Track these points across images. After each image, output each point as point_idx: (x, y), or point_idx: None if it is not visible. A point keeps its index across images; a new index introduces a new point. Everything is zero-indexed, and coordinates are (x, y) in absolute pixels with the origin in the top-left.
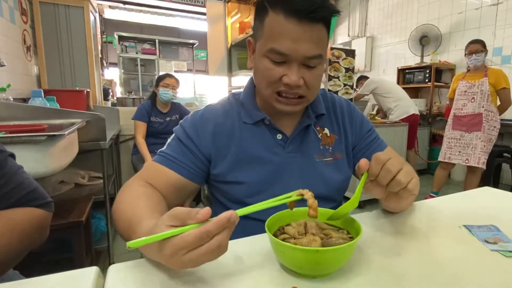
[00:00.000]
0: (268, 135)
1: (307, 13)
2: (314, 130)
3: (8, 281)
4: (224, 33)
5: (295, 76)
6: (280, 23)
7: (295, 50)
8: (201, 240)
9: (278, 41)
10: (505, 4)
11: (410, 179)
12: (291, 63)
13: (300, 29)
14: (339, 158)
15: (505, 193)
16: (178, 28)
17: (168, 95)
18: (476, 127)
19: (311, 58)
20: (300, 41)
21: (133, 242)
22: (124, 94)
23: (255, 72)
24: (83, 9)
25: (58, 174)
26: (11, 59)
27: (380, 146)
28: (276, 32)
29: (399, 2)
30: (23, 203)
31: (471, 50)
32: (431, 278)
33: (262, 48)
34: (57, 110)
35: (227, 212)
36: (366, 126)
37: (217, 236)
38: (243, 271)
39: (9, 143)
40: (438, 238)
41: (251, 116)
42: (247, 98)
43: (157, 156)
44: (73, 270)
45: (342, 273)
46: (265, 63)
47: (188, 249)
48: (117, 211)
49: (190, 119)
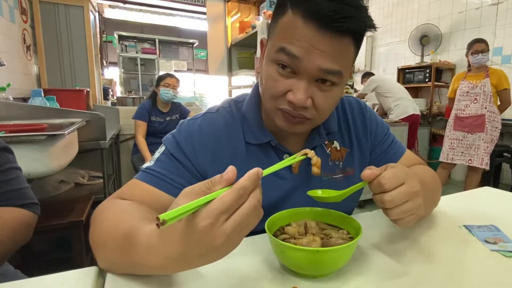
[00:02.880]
0: (274, 156)
1: (330, 21)
2: (322, 146)
3: (9, 280)
4: (224, 32)
5: (302, 94)
6: (296, 24)
7: (308, 57)
8: (239, 198)
9: (291, 41)
10: (505, 4)
11: (403, 201)
12: (301, 76)
13: (319, 36)
14: (350, 175)
15: (505, 193)
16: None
17: (169, 94)
18: (479, 128)
19: (326, 72)
20: (317, 48)
21: (167, 214)
22: (124, 94)
23: (261, 79)
24: (83, 8)
25: (58, 174)
26: (11, 58)
27: (397, 153)
28: (290, 31)
29: (399, 2)
30: (7, 199)
31: (477, 50)
32: (431, 278)
33: (271, 50)
34: (57, 110)
35: (253, 169)
36: (382, 130)
37: (252, 194)
38: (243, 271)
39: (9, 142)
40: (438, 238)
41: (255, 136)
42: (251, 112)
43: (143, 173)
44: (73, 270)
45: (342, 273)
46: (272, 70)
47: (229, 213)
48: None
49: (185, 130)
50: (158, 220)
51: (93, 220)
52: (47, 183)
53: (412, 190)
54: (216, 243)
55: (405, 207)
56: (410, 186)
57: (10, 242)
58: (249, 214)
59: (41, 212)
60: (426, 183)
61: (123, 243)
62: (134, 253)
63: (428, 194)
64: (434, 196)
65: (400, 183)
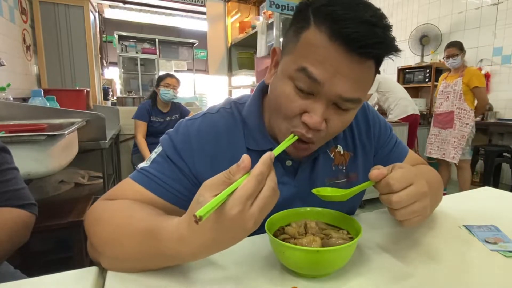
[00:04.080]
0: (276, 163)
1: (360, 46)
2: (326, 151)
3: (9, 280)
4: (224, 32)
5: (318, 117)
6: (322, 44)
7: (330, 82)
8: (260, 183)
9: (313, 61)
10: (505, 4)
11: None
12: (319, 98)
13: (345, 60)
14: (353, 180)
15: (505, 193)
16: (178, 28)
17: (169, 95)
18: (449, 124)
19: (346, 100)
20: (340, 74)
21: (201, 210)
22: (124, 94)
23: (271, 92)
24: (83, 8)
25: (58, 174)
26: (11, 58)
27: (401, 154)
28: (314, 50)
29: (399, 2)
30: (5, 200)
31: (448, 54)
32: (431, 278)
33: (290, 66)
34: (57, 110)
35: (266, 154)
36: (385, 132)
37: (269, 177)
38: (243, 271)
39: (9, 142)
40: (438, 238)
41: (257, 143)
42: (253, 116)
43: (138, 173)
44: (73, 270)
45: (342, 273)
46: (288, 89)
47: (253, 198)
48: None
49: (183, 132)
50: (196, 217)
51: (92, 221)
52: (47, 183)
53: (421, 191)
54: (247, 226)
55: (413, 208)
56: (418, 187)
57: (8, 243)
58: (270, 196)
59: (41, 212)
60: (431, 183)
61: (144, 239)
62: (162, 246)
63: (432, 194)
64: (437, 196)
65: (408, 183)
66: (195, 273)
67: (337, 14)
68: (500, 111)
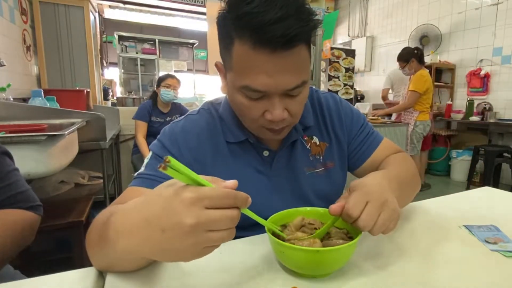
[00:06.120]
0: (254, 153)
1: (282, 43)
2: (302, 141)
3: (9, 281)
4: None
5: (278, 111)
6: (249, 56)
7: (273, 86)
8: (228, 198)
9: (251, 77)
10: (505, 4)
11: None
12: (271, 96)
13: (275, 60)
14: (330, 168)
15: (505, 193)
16: (178, 28)
17: (170, 95)
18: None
19: (293, 89)
20: (277, 74)
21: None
22: (124, 94)
23: (230, 101)
24: (83, 9)
25: (58, 174)
26: (11, 59)
27: (373, 144)
28: (246, 66)
29: (399, 2)
30: (12, 203)
31: (399, 66)
32: (431, 278)
33: (235, 83)
34: (57, 110)
35: (246, 194)
36: (357, 123)
37: (237, 209)
38: (243, 271)
39: (9, 143)
40: (438, 238)
41: (234, 136)
42: (227, 112)
43: (136, 180)
44: (73, 270)
45: (342, 273)
46: (241, 99)
47: (212, 202)
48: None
49: (169, 132)
50: (165, 160)
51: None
52: (47, 184)
53: (379, 204)
54: (184, 221)
55: (380, 222)
56: (374, 202)
57: (13, 244)
58: (225, 220)
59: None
60: (400, 176)
61: (102, 227)
62: (108, 227)
63: (403, 185)
64: (411, 185)
65: (364, 203)
66: (195, 273)
67: (251, 24)
68: (500, 111)
